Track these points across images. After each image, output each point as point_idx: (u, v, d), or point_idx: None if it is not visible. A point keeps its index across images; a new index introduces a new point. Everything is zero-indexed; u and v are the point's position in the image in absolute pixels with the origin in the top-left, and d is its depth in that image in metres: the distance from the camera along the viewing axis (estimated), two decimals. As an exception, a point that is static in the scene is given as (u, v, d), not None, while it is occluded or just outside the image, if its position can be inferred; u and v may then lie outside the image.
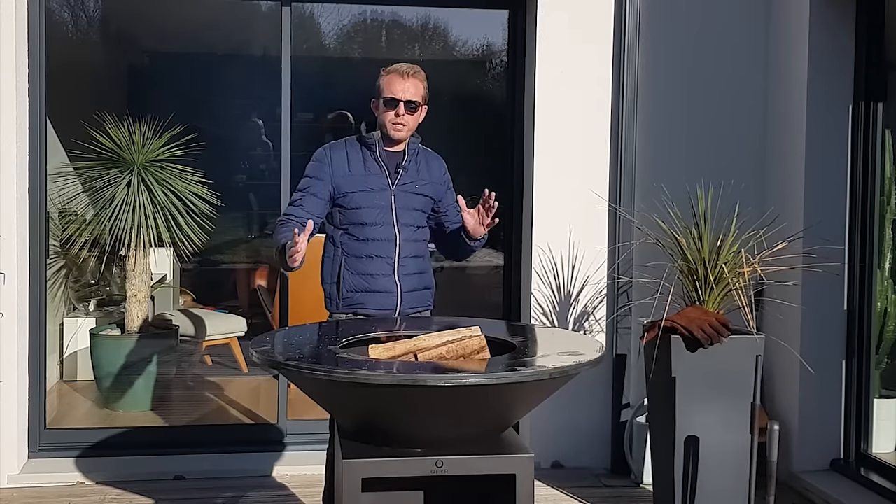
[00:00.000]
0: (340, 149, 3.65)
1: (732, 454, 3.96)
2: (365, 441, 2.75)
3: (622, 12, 4.94)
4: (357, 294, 3.58)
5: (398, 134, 3.59)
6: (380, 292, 3.57)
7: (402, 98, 3.55)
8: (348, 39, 8.59)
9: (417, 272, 3.64)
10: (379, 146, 3.61)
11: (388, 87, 3.58)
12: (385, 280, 3.57)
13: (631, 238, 4.84)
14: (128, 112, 5.74)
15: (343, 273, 3.59)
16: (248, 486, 4.73)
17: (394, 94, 3.56)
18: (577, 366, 2.72)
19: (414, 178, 3.65)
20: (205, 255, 7.69)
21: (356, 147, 3.65)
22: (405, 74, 3.58)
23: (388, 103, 3.57)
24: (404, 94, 3.56)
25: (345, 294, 3.59)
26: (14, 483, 4.71)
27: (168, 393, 6.16)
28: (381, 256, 3.57)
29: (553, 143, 5.02)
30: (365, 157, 3.62)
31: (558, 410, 4.84)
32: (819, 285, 4.64)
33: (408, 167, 3.64)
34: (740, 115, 5.11)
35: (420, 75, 3.61)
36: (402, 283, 3.59)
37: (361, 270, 3.57)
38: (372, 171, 3.60)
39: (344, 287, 3.59)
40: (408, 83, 3.57)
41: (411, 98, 3.57)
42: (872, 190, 4.75)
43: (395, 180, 3.61)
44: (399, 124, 3.57)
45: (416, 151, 3.69)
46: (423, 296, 3.68)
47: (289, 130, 5.15)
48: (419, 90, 3.59)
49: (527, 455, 2.72)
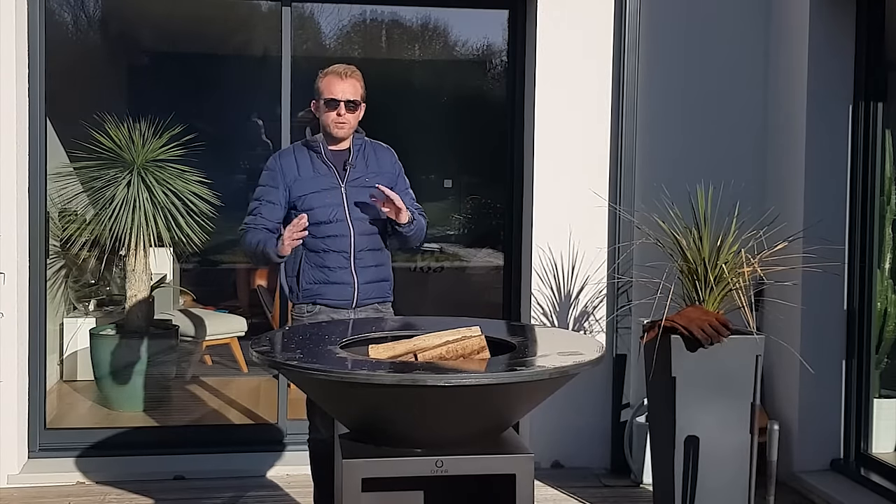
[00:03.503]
0: (289, 154, 3.80)
1: (732, 454, 3.96)
2: (365, 441, 2.75)
3: (622, 12, 4.94)
4: (316, 286, 3.72)
5: (340, 132, 3.72)
6: (337, 284, 3.71)
7: (342, 98, 3.69)
8: (348, 39, 8.59)
9: (374, 265, 3.77)
10: (323, 147, 3.74)
11: (327, 88, 3.71)
12: (342, 272, 3.70)
13: (631, 238, 4.84)
14: (128, 112, 5.74)
15: (303, 266, 3.73)
16: (248, 486, 4.73)
17: (334, 94, 3.69)
18: (577, 366, 2.72)
19: (363, 173, 3.76)
20: (205, 255, 7.69)
21: (303, 151, 3.78)
22: (343, 75, 3.71)
23: (328, 104, 3.70)
24: (344, 94, 3.69)
25: (304, 286, 3.74)
26: (14, 483, 4.71)
27: (168, 393, 6.16)
28: (336, 251, 3.70)
29: (553, 143, 5.02)
30: (312, 159, 3.75)
31: (558, 410, 4.84)
32: (819, 285, 4.64)
33: (355, 163, 3.75)
34: (740, 115, 5.11)
35: (357, 75, 3.75)
36: (359, 275, 3.71)
37: (320, 264, 3.71)
38: (320, 171, 3.73)
39: (304, 279, 3.73)
40: (346, 84, 3.70)
41: (351, 98, 3.70)
42: (872, 190, 4.75)
43: (345, 177, 3.73)
44: (341, 123, 3.71)
45: (362, 146, 3.80)
46: (380, 287, 3.80)
47: (289, 130, 5.15)
48: (357, 89, 3.73)
49: (527, 455, 2.72)
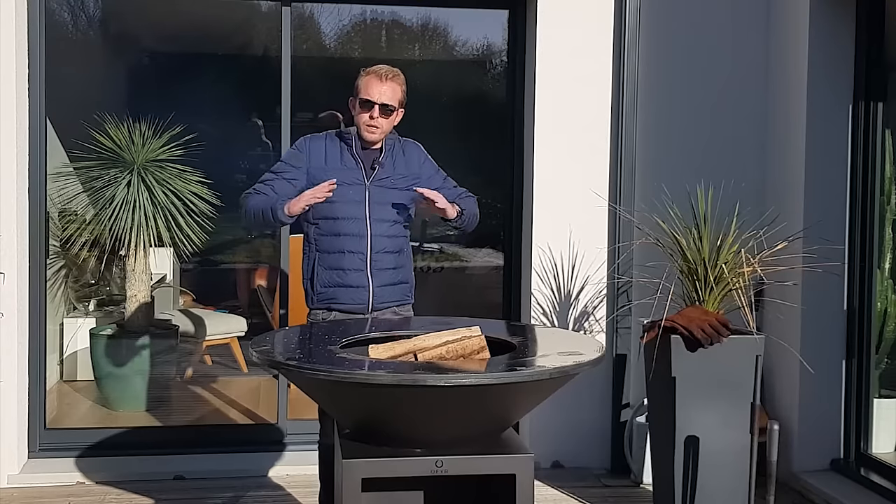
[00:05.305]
0: (319, 140, 3.68)
1: (732, 454, 3.96)
2: (365, 441, 2.75)
3: (622, 12, 4.94)
4: (330, 289, 3.59)
5: (371, 136, 3.59)
6: (352, 287, 3.57)
7: (378, 101, 3.54)
8: (348, 39, 8.59)
9: (393, 267, 3.63)
10: (355, 141, 3.62)
11: (365, 88, 3.56)
12: (357, 275, 3.57)
13: (631, 238, 4.84)
14: (128, 112, 5.74)
15: (317, 269, 3.61)
16: (248, 486, 4.73)
17: (370, 96, 3.55)
18: (577, 366, 2.72)
19: (390, 174, 3.64)
20: (205, 255, 7.68)
21: (335, 142, 3.66)
22: (383, 77, 3.56)
23: (363, 105, 3.56)
24: (380, 97, 3.54)
25: (318, 289, 3.61)
26: (14, 483, 4.71)
27: (168, 393, 6.16)
28: (352, 251, 3.57)
29: (553, 142, 5.02)
30: (342, 151, 3.63)
31: (558, 410, 4.84)
32: (819, 285, 4.64)
33: (384, 162, 3.63)
34: (740, 114, 5.11)
35: (399, 79, 3.59)
36: (375, 277, 3.58)
37: (333, 265, 3.58)
38: (348, 165, 3.61)
39: (318, 283, 3.61)
40: (385, 86, 3.55)
41: (387, 102, 3.55)
42: (872, 190, 4.75)
43: (371, 176, 3.61)
44: (373, 127, 3.57)
45: (393, 145, 3.68)
46: (398, 290, 3.67)
47: (289, 130, 5.15)
48: (396, 94, 3.58)
49: (527, 455, 2.72)
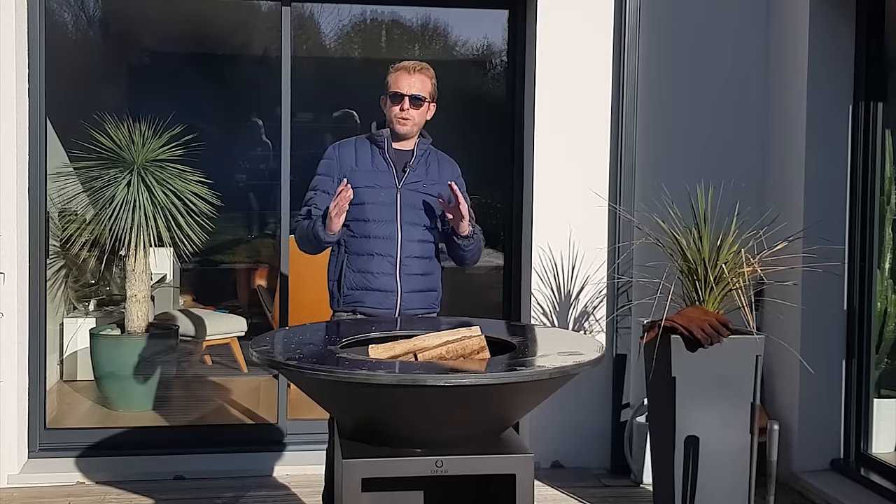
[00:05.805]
0: (349, 145, 3.69)
1: (732, 454, 3.96)
2: (365, 441, 2.75)
3: (622, 12, 4.94)
4: (357, 292, 3.58)
5: (403, 128, 3.62)
6: (379, 291, 3.57)
7: (408, 93, 3.59)
8: (348, 39, 8.60)
9: (422, 273, 3.62)
10: (388, 143, 3.64)
11: (394, 82, 3.62)
12: (386, 279, 3.57)
13: (631, 238, 4.84)
14: (128, 112, 5.74)
15: (345, 270, 3.60)
16: (248, 486, 4.73)
17: (399, 88, 3.60)
18: (577, 366, 2.72)
19: (422, 178, 3.65)
20: (205, 255, 7.68)
21: (365, 144, 3.68)
22: (411, 70, 3.62)
23: (393, 98, 3.61)
24: (410, 88, 3.59)
25: (345, 292, 3.60)
26: (14, 483, 4.71)
27: (168, 393, 6.16)
28: (382, 255, 3.57)
29: (553, 142, 5.02)
30: (373, 153, 3.65)
31: (558, 410, 4.84)
32: (819, 285, 4.64)
33: (416, 167, 3.64)
34: (740, 114, 5.11)
35: (427, 72, 3.65)
36: (404, 283, 3.58)
37: (362, 268, 3.58)
38: (379, 167, 3.62)
39: (345, 285, 3.60)
40: (414, 78, 3.61)
41: (417, 93, 3.60)
42: (872, 190, 4.75)
43: (402, 179, 3.62)
44: (404, 119, 3.60)
45: (426, 152, 3.70)
46: (426, 297, 3.66)
47: (289, 130, 5.15)
48: (426, 86, 3.63)
49: (527, 455, 2.72)
